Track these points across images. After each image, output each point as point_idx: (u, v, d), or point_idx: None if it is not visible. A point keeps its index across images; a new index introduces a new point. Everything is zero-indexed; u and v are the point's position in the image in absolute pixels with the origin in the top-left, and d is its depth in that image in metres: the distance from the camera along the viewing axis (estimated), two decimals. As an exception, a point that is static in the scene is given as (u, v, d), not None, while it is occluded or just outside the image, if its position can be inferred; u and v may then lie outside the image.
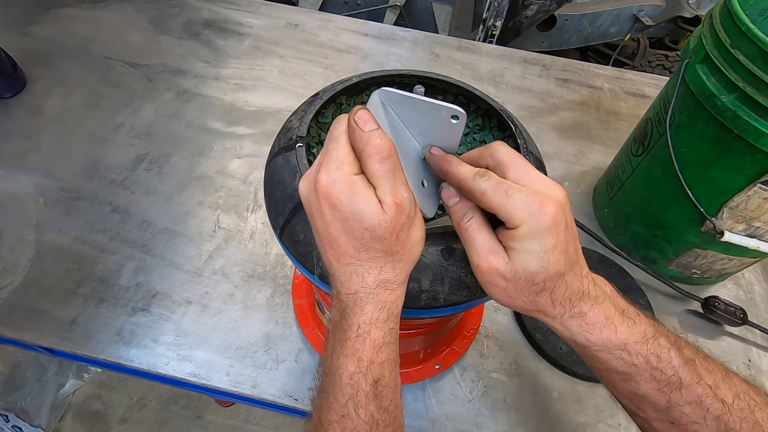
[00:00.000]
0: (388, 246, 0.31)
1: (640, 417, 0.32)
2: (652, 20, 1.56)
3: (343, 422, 0.30)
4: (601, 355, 0.31)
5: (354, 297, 0.31)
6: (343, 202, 0.29)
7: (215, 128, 0.86)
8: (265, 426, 1.34)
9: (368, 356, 0.30)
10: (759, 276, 0.76)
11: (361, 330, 0.31)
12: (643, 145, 0.65)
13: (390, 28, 1.14)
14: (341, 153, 0.30)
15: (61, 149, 0.80)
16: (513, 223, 0.29)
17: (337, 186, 0.29)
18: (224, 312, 0.64)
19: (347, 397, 0.30)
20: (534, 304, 0.31)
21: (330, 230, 0.31)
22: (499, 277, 0.30)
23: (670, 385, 0.30)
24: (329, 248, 0.32)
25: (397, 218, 0.30)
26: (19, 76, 0.87)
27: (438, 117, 0.32)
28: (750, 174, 0.52)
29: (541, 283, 0.30)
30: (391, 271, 0.31)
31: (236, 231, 0.73)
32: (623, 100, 1.02)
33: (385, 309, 0.31)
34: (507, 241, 0.30)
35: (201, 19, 1.07)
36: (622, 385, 0.32)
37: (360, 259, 0.31)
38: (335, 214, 0.30)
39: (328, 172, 0.30)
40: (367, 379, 0.30)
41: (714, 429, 0.29)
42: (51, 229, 0.70)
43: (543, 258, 0.29)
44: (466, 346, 0.63)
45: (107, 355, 0.59)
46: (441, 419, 0.59)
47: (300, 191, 0.33)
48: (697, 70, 0.53)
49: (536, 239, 0.29)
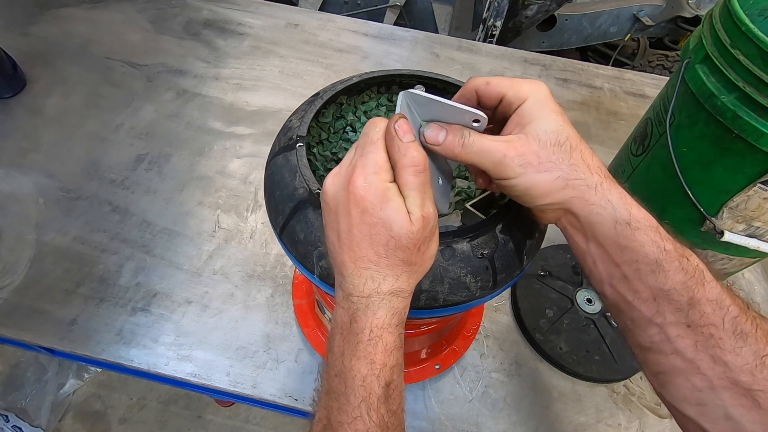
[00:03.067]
0: (408, 256, 0.31)
1: (654, 326, 0.31)
2: (652, 20, 1.56)
3: (355, 424, 0.30)
4: (639, 236, 0.30)
5: (367, 301, 0.31)
6: (375, 207, 0.30)
7: (215, 128, 0.86)
8: (265, 426, 1.34)
9: (381, 360, 0.31)
10: (759, 276, 0.76)
11: (373, 334, 0.31)
12: (643, 145, 0.65)
13: (390, 28, 1.14)
14: (380, 158, 0.31)
15: (61, 149, 0.80)
16: (520, 97, 0.32)
17: (371, 190, 0.30)
18: (224, 312, 0.64)
19: (360, 399, 0.30)
20: (573, 169, 0.31)
21: (354, 232, 0.31)
22: (530, 153, 0.30)
23: (695, 278, 0.30)
24: (348, 250, 0.32)
25: (422, 231, 0.31)
26: (19, 76, 0.87)
27: (461, 120, 0.32)
28: (750, 174, 0.52)
29: (567, 142, 0.31)
30: (405, 281, 0.32)
31: (236, 231, 0.73)
32: (623, 100, 1.02)
33: (396, 315, 0.32)
34: (518, 122, 0.32)
35: (201, 19, 1.07)
36: (649, 279, 0.30)
37: (379, 266, 0.31)
38: (364, 218, 0.30)
39: (365, 175, 0.30)
40: (380, 382, 0.31)
41: (730, 332, 0.29)
42: (51, 229, 0.70)
43: (556, 119, 0.31)
44: (466, 346, 0.63)
45: (107, 355, 0.59)
46: (441, 419, 0.59)
47: (326, 188, 0.32)
48: (697, 70, 0.53)
49: (544, 105, 0.32)
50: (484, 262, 0.36)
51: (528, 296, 0.69)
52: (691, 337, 0.30)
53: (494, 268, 0.37)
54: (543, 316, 0.67)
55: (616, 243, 0.31)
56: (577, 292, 0.70)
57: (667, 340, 0.30)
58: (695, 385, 0.30)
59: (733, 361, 0.29)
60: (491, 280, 0.37)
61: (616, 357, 0.64)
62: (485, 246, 0.37)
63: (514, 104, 0.32)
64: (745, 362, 0.28)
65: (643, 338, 0.32)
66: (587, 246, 0.33)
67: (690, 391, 0.30)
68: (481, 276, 0.36)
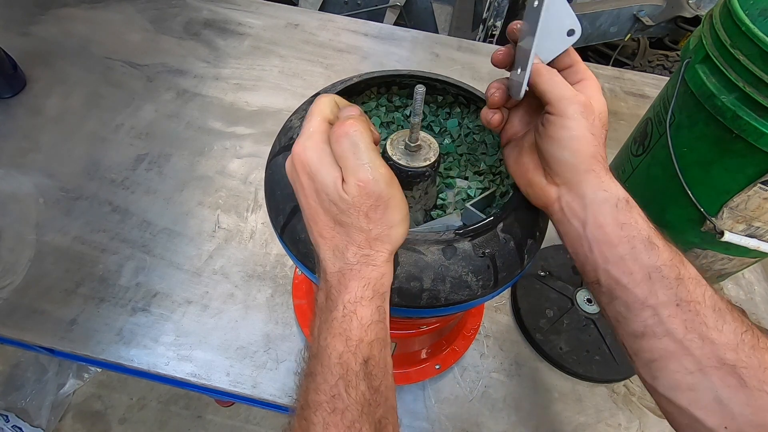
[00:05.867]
0: (357, 223, 0.31)
1: (648, 308, 0.32)
2: (652, 20, 1.56)
3: (333, 402, 0.29)
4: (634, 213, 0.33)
5: (338, 275, 0.31)
6: (314, 170, 0.31)
7: (215, 128, 0.86)
8: (265, 426, 1.34)
9: (356, 335, 0.30)
10: (759, 276, 0.76)
11: (347, 309, 0.31)
12: (643, 145, 0.65)
13: (390, 28, 1.14)
14: (314, 124, 0.32)
15: (61, 149, 0.80)
16: (584, 75, 0.36)
17: (308, 152, 0.31)
18: (224, 312, 0.64)
19: (337, 377, 0.29)
20: (602, 149, 0.34)
21: (310, 202, 0.32)
22: (589, 111, 0.34)
23: (678, 255, 0.32)
24: (313, 223, 0.32)
25: (361, 199, 0.30)
26: (19, 76, 0.87)
27: (559, 26, 0.34)
28: (750, 174, 0.52)
29: (605, 130, 0.35)
30: (370, 249, 0.32)
31: (236, 231, 0.73)
32: (623, 100, 1.02)
33: (369, 286, 0.31)
34: (582, 92, 0.35)
35: (201, 19, 1.07)
36: (644, 257, 0.32)
37: (339, 233, 0.32)
38: (311, 184, 0.31)
39: (300, 140, 0.32)
40: (356, 358, 0.30)
41: (711, 308, 0.31)
42: (51, 229, 0.70)
43: (606, 109, 0.35)
44: (466, 346, 0.63)
45: (107, 355, 0.59)
46: (441, 419, 0.59)
47: (286, 170, 0.34)
48: (697, 70, 0.53)
49: (599, 91, 0.35)
50: (485, 261, 0.36)
51: (528, 296, 0.69)
52: (680, 316, 0.31)
53: (495, 267, 0.37)
54: (543, 316, 0.67)
55: (616, 220, 0.33)
56: (577, 292, 0.70)
57: (659, 322, 0.31)
58: (686, 367, 0.30)
59: (717, 338, 0.30)
60: (492, 279, 0.37)
61: (616, 357, 0.64)
62: (487, 245, 0.37)
63: (580, 74, 0.36)
64: (727, 340, 0.30)
65: (636, 324, 0.32)
66: (584, 230, 0.34)
67: (681, 375, 0.31)
68: (482, 275, 0.36)
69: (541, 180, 0.37)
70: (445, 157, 0.51)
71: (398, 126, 0.53)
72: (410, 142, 0.40)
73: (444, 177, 0.50)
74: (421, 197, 0.44)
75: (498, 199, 0.46)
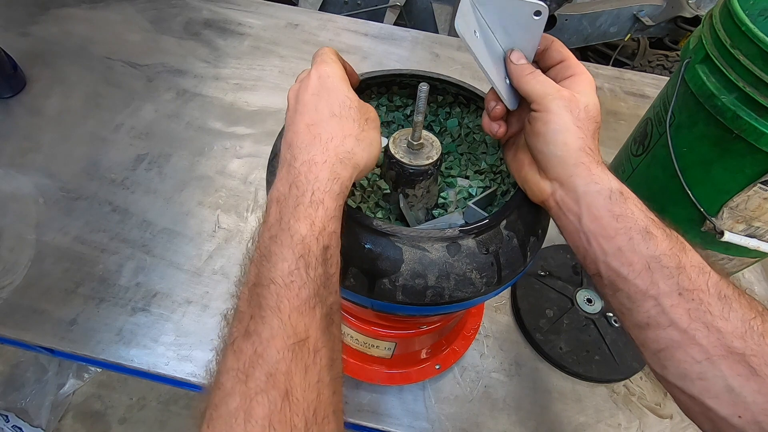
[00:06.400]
0: (357, 119, 0.35)
1: (650, 299, 0.31)
2: (652, 20, 1.56)
3: (290, 277, 0.29)
4: (630, 204, 0.33)
5: (309, 164, 0.32)
6: (332, 76, 0.36)
7: (215, 128, 0.86)
8: (265, 426, 1.34)
9: (321, 223, 0.31)
10: (759, 276, 0.76)
11: (315, 197, 0.31)
12: (643, 145, 0.65)
13: (390, 28, 1.14)
14: (331, 56, 0.38)
15: (61, 149, 0.80)
16: (575, 70, 0.36)
17: (329, 67, 0.37)
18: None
19: (298, 255, 0.29)
20: (592, 142, 0.35)
21: (308, 95, 0.35)
22: (574, 105, 0.34)
23: (678, 243, 0.32)
24: (300, 115, 0.35)
25: (360, 108, 0.36)
26: (19, 76, 0.87)
27: (521, 14, 0.35)
28: (750, 174, 0.52)
29: (596, 123, 0.36)
30: (350, 147, 0.34)
31: (236, 231, 0.73)
32: (623, 100, 1.02)
33: (338, 182, 0.32)
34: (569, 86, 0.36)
35: (201, 19, 1.07)
36: (642, 247, 0.32)
37: (331, 124, 0.34)
38: (323, 83, 0.36)
39: (327, 62, 0.37)
40: (318, 243, 0.30)
41: (715, 296, 0.30)
42: (51, 229, 0.70)
43: (596, 102, 0.36)
44: (466, 346, 0.63)
45: (107, 355, 0.59)
46: (441, 419, 0.59)
47: (289, 94, 0.37)
48: (697, 70, 0.53)
49: (591, 87, 0.36)
50: (489, 258, 0.37)
51: (528, 296, 0.69)
52: (683, 306, 0.30)
53: (499, 264, 0.37)
54: (543, 316, 0.67)
55: (611, 212, 0.33)
56: (577, 292, 0.70)
57: (662, 312, 0.31)
58: (694, 357, 0.30)
59: (724, 327, 0.29)
60: (496, 276, 0.37)
61: (616, 357, 0.64)
62: (490, 242, 0.37)
63: (571, 69, 0.36)
64: (734, 328, 0.29)
65: (640, 315, 0.32)
66: (580, 224, 0.34)
67: (690, 364, 0.30)
68: (486, 272, 0.36)
69: (534, 176, 0.37)
70: (446, 157, 0.51)
71: (398, 125, 0.53)
72: (413, 140, 0.40)
73: (445, 176, 0.50)
74: (423, 195, 0.44)
75: (499, 198, 0.46)
